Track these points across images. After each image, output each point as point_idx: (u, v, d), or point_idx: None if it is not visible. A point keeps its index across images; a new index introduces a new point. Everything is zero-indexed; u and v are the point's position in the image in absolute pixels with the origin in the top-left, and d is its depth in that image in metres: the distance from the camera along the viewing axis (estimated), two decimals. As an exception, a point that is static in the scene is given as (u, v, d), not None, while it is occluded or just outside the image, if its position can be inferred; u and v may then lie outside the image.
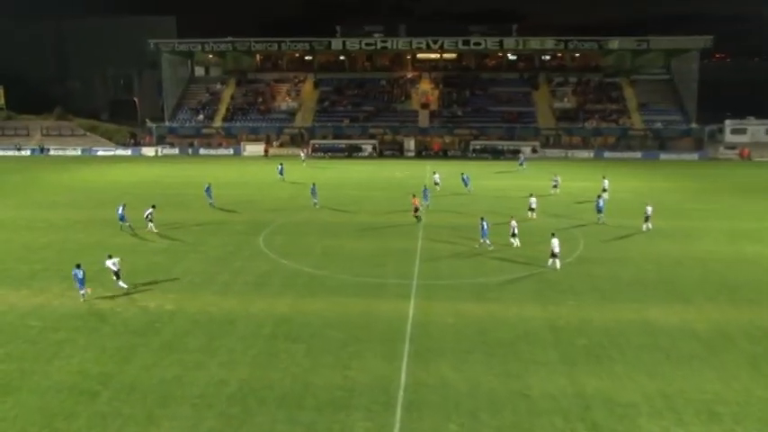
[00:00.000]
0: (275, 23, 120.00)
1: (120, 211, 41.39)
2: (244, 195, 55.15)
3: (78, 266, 27.79)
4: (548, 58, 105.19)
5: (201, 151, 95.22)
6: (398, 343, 23.25)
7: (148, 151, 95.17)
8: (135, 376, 20.76)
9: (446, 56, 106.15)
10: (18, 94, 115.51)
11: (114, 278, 29.34)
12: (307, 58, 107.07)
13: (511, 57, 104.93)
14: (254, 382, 20.31)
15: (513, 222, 36.86)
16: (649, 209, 40.83)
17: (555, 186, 55.80)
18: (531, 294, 28.64)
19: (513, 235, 36.55)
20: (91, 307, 27.14)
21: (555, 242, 32.00)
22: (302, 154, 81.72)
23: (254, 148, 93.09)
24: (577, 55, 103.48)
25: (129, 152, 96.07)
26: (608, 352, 22.38)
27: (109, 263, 29.39)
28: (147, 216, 40.66)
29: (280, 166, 65.39)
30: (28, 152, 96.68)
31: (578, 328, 24.53)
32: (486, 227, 36.11)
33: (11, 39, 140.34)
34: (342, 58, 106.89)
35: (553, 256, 32.15)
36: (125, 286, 29.34)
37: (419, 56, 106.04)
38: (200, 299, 28.28)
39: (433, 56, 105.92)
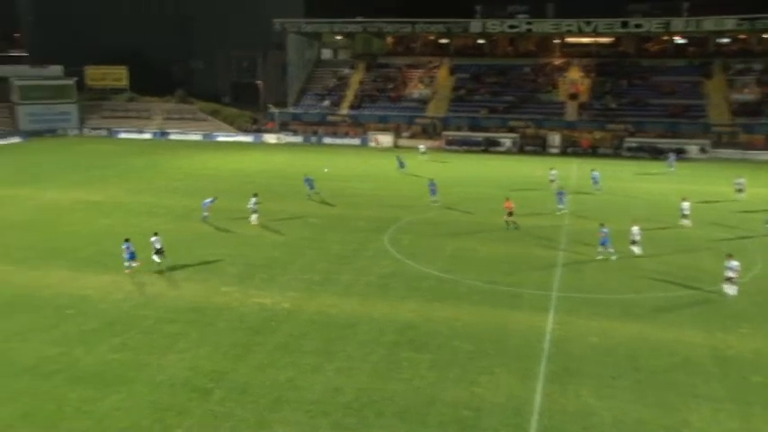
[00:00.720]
0: (409, 2, 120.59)
1: (208, 202, 44.08)
2: (368, 189, 56.28)
3: (127, 240, 32.28)
4: (726, 41, 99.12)
5: (326, 140, 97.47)
6: (534, 361, 22.89)
7: (270, 138, 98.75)
8: (248, 376, 21.73)
9: (600, 40, 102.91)
10: (141, 74, 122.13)
11: (154, 254, 32.38)
12: (442, 41, 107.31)
13: (678, 40, 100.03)
14: (372, 392, 20.65)
15: (635, 228, 35.57)
16: None
17: (740, 191, 52.64)
18: (692, 317, 27.21)
19: (633, 242, 35.35)
20: (207, 300, 28.74)
21: (734, 264, 29.11)
22: (422, 146, 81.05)
23: (382, 139, 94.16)
24: (766, 36, 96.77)
25: (250, 139, 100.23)
26: (792, 394, 20.78)
27: (153, 239, 32.75)
28: (251, 206, 42.71)
29: (399, 158, 66.63)
30: (149, 135, 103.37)
31: (753, 362, 22.99)
32: (606, 234, 35.10)
33: (135, 17, 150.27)
34: (481, 41, 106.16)
35: (728, 280, 29.36)
36: (158, 261, 32.37)
37: (568, 40, 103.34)
38: (319, 298, 29.16)
39: (584, 40, 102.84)
